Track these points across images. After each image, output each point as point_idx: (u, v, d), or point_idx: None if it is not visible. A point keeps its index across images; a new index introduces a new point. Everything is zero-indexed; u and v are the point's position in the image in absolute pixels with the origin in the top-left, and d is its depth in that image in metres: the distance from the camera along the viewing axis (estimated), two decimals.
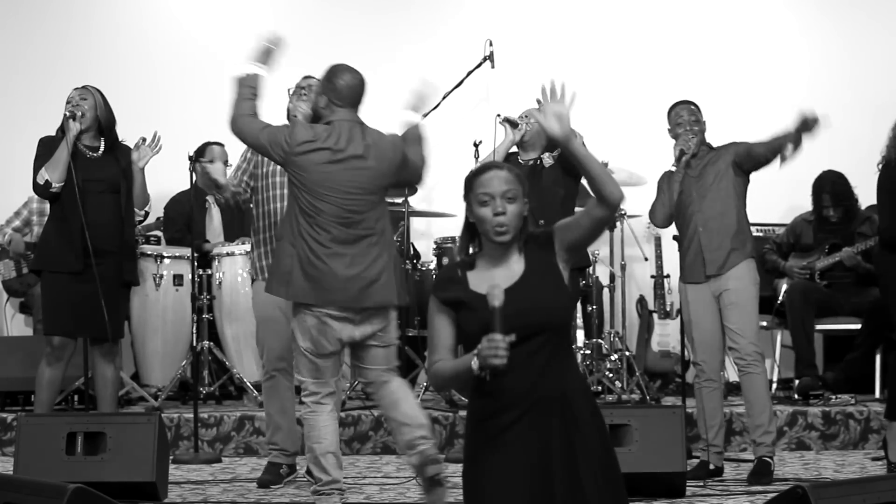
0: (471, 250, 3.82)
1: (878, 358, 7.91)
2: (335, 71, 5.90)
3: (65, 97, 6.71)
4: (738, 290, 6.36)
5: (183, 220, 8.19)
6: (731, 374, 7.40)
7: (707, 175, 6.48)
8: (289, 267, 5.61)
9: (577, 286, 6.15)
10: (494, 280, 3.64)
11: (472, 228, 3.78)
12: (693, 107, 6.64)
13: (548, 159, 6.69)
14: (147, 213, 7.10)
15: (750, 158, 6.40)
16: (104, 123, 6.68)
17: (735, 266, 6.38)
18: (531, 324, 3.62)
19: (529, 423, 3.63)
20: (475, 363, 3.55)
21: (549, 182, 6.90)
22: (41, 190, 6.58)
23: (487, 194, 3.71)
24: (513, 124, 6.67)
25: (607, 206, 3.67)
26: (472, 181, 3.77)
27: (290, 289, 5.63)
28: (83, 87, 6.72)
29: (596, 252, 8.22)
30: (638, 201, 8.33)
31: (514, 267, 3.71)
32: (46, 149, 6.60)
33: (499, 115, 6.84)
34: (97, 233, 6.54)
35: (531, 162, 6.93)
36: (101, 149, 6.68)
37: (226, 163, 8.01)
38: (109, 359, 6.72)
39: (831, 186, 8.03)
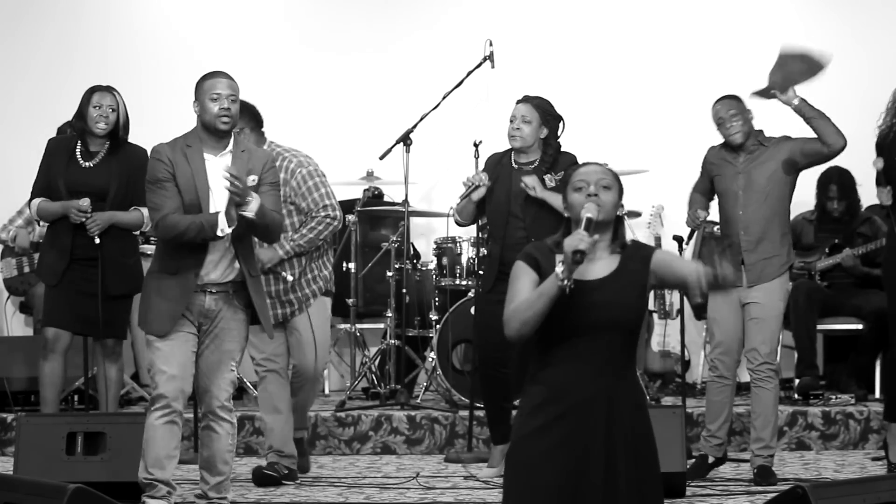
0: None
1: (878, 357, 7.92)
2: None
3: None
4: (765, 306, 6.32)
5: None
6: (744, 376, 7.37)
7: (756, 177, 6.37)
8: None
9: None
10: (583, 270, 3.71)
11: (569, 226, 3.85)
12: (733, 101, 6.47)
13: (549, 181, 6.37)
14: (141, 231, 7.06)
15: (805, 156, 6.34)
16: (121, 130, 6.61)
17: (769, 280, 6.33)
18: (604, 318, 3.73)
19: (574, 419, 3.72)
20: (558, 267, 3.63)
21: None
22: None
23: (583, 181, 3.84)
24: (476, 188, 6.51)
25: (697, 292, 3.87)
26: (569, 175, 3.90)
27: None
28: (111, 93, 6.59)
29: None
30: (638, 201, 8.34)
31: (606, 264, 3.81)
32: (51, 160, 6.62)
33: (451, 209, 6.74)
34: (86, 241, 6.55)
35: (530, 166, 6.52)
36: (102, 154, 6.63)
37: None
38: (113, 359, 6.73)
39: (838, 178, 8.02)
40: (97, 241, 6.54)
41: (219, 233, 5.26)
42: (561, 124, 6.47)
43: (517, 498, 3.76)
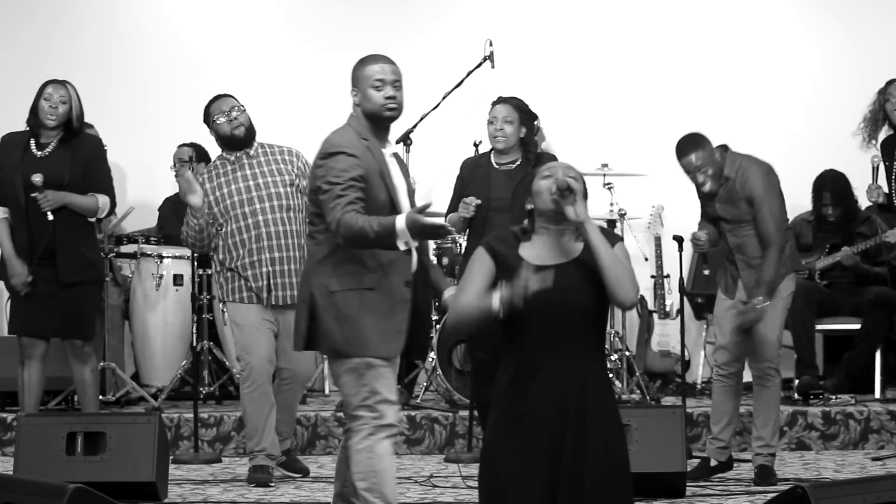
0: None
1: (877, 357, 7.90)
2: None
3: None
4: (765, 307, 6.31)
5: (176, 218, 8.25)
6: (747, 376, 7.39)
7: (725, 212, 6.29)
8: None
9: None
10: (545, 257, 3.85)
11: (532, 217, 3.95)
12: (699, 151, 6.20)
13: None
14: (107, 214, 6.93)
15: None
16: (75, 121, 6.55)
17: None
18: (571, 302, 3.80)
19: (548, 409, 3.77)
20: (495, 300, 3.73)
21: None
22: None
23: (549, 167, 3.97)
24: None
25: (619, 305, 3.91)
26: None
27: None
28: (63, 86, 6.55)
29: None
30: (638, 201, 8.34)
31: (571, 247, 3.90)
32: (4, 156, 6.53)
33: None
34: (42, 235, 6.44)
35: (511, 166, 6.56)
36: (54, 144, 6.54)
37: (191, 159, 7.93)
38: (82, 360, 6.61)
39: (832, 185, 7.99)
40: (50, 217, 6.39)
41: (401, 245, 4.44)
42: (536, 123, 6.53)
43: (490, 500, 3.81)
